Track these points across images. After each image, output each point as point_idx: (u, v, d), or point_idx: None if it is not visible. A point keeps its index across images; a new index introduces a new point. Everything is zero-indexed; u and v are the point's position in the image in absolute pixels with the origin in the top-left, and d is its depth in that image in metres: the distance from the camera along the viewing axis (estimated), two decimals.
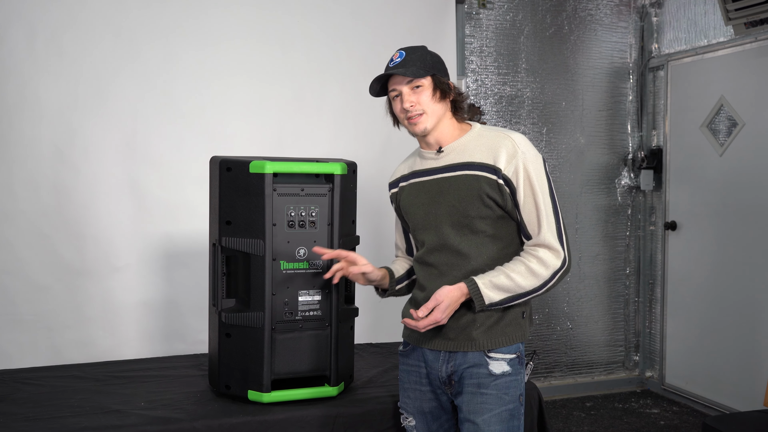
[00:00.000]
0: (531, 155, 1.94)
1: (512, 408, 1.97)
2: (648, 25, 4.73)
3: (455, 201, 1.97)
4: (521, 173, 1.92)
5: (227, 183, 2.23)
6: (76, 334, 3.30)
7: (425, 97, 1.99)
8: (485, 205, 1.94)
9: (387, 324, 3.71)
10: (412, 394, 2.10)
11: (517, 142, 1.95)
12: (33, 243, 3.24)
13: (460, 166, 1.98)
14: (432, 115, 2.00)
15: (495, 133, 2.00)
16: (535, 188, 1.92)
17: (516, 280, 1.90)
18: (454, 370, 2.00)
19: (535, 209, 1.93)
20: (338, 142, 3.71)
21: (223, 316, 2.24)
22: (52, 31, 3.25)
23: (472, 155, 1.98)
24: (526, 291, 1.91)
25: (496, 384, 1.96)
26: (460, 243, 1.97)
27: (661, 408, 4.41)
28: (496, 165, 1.93)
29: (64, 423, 2.06)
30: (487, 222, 1.96)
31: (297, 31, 3.66)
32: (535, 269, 1.90)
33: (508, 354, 1.98)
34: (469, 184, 1.95)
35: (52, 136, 3.26)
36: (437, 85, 2.00)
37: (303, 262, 2.24)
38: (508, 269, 1.92)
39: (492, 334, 1.97)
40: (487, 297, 1.89)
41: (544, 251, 1.92)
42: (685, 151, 4.49)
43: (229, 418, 2.12)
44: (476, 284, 1.89)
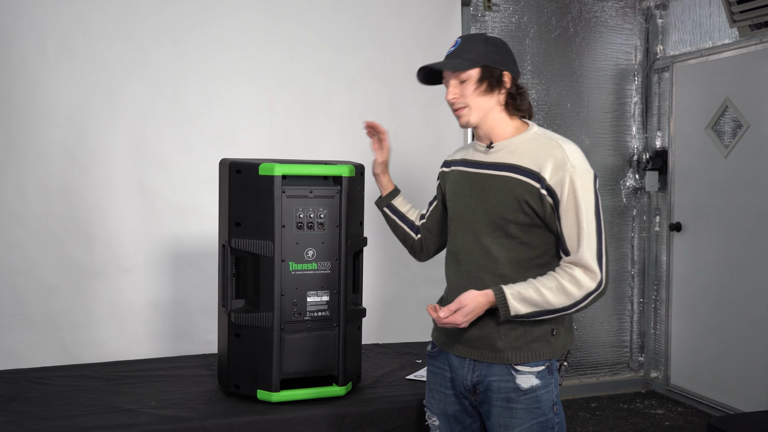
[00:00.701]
0: (581, 169, 1.84)
1: (544, 420, 1.89)
2: (653, 26, 4.74)
3: (495, 201, 1.91)
4: (566, 186, 1.82)
5: (237, 185, 2.25)
6: (86, 334, 3.33)
7: (468, 89, 1.92)
8: (523, 212, 1.87)
9: (394, 325, 3.75)
10: (437, 395, 2.07)
11: (569, 153, 1.85)
12: (43, 244, 3.27)
13: (507, 167, 1.91)
14: (476, 109, 1.93)
15: (548, 140, 1.90)
16: (579, 204, 1.82)
17: (545, 295, 1.82)
18: (479, 380, 1.94)
19: (576, 226, 1.83)
20: (345, 143, 3.73)
21: (233, 317, 2.27)
22: (62, 34, 3.28)
23: (520, 158, 1.89)
24: (555, 308, 1.83)
25: (525, 398, 1.89)
26: (492, 244, 1.92)
27: (666, 409, 4.43)
28: (541, 173, 1.84)
29: (76, 422, 2.09)
30: (522, 228, 1.88)
31: (304, 35, 3.69)
32: (567, 288, 1.82)
33: (535, 367, 1.90)
34: (511, 187, 1.88)
35: (62, 139, 3.30)
36: (484, 77, 1.92)
37: (311, 263, 2.26)
38: (539, 283, 1.84)
39: (518, 348, 1.90)
40: (513, 308, 1.82)
41: (579, 271, 1.82)
42: (690, 153, 4.50)
43: (238, 417, 2.14)
44: (504, 294, 1.83)
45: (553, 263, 1.92)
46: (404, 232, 2.32)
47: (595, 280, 1.83)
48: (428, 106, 3.91)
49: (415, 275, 3.83)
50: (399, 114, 3.86)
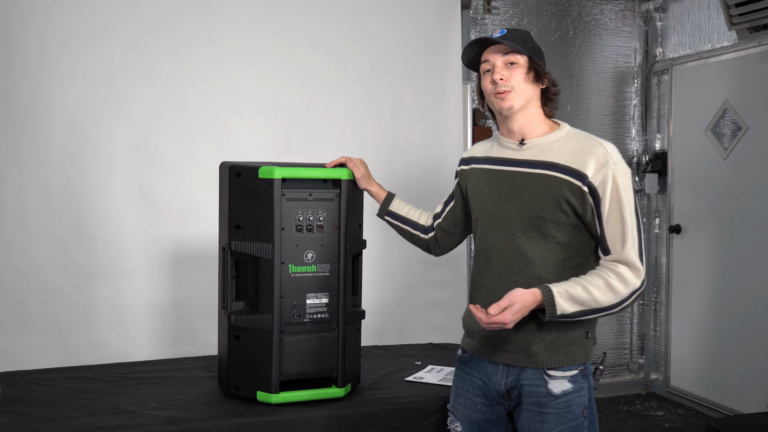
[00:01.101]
0: (622, 168, 1.84)
1: (575, 425, 1.88)
2: (652, 29, 4.76)
3: (530, 200, 1.88)
4: (609, 184, 1.81)
5: (237, 188, 2.27)
6: (87, 336, 3.34)
7: (518, 74, 1.91)
8: (562, 210, 1.85)
9: (394, 327, 3.76)
10: (464, 401, 2.05)
11: (610, 151, 1.85)
12: (45, 246, 3.29)
13: (542, 165, 1.88)
14: (521, 94, 1.91)
15: (585, 138, 1.90)
16: (622, 202, 1.82)
17: (593, 294, 1.79)
18: (513, 384, 1.93)
19: (620, 224, 1.82)
20: (345, 146, 3.74)
21: (233, 319, 2.28)
22: (63, 37, 3.30)
23: (557, 156, 1.87)
24: (602, 307, 1.80)
25: (556, 403, 1.88)
26: (526, 245, 1.88)
27: (666, 410, 4.43)
28: (584, 171, 1.83)
29: (77, 423, 2.10)
30: (559, 228, 1.86)
31: (305, 37, 3.70)
32: (614, 285, 1.80)
33: (569, 371, 1.89)
34: (549, 185, 1.86)
35: (63, 141, 3.31)
36: (532, 66, 1.92)
37: (311, 265, 2.28)
38: (585, 281, 1.80)
39: (553, 351, 1.89)
40: (560, 307, 1.78)
41: (624, 268, 1.81)
42: (690, 155, 4.52)
43: (238, 419, 2.16)
44: (551, 292, 1.78)
45: (588, 264, 1.90)
46: (411, 234, 2.33)
47: (640, 277, 1.82)
48: (428, 108, 3.92)
49: (415, 278, 3.84)
50: (399, 117, 3.88)
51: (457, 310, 4.12)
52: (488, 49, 1.96)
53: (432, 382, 2.53)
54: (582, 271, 1.88)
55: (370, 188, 2.33)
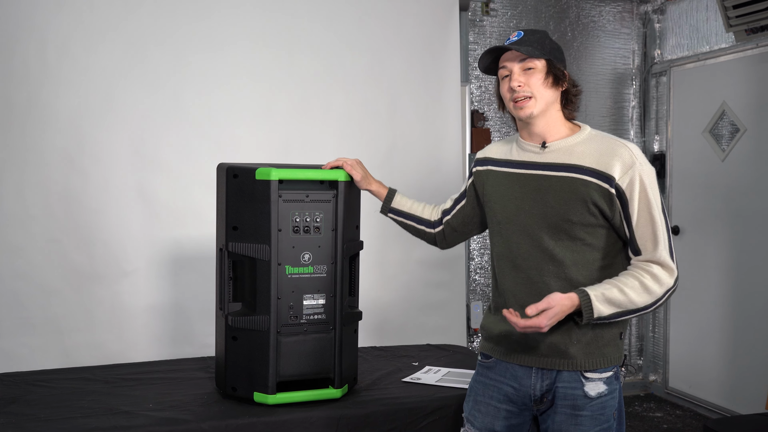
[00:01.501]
0: (647, 168, 1.83)
1: (606, 427, 1.88)
2: (651, 31, 4.77)
3: (556, 203, 1.86)
4: (637, 186, 1.80)
5: (234, 189, 2.28)
6: (86, 337, 3.35)
7: (536, 80, 1.88)
8: (590, 212, 1.83)
9: (392, 328, 3.77)
10: (485, 408, 2.00)
11: (634, 152, 1.84)
12: (43, 248, 3.30)
13: (566, 167, 1.86)
14: (540, 100, 1.88)
15: (609, 140, 1.88)
16: (651, 202, 1.81)
17: (630, 295, 1.78)
18: (548, 388, 1.91)
19: (650, 225, 1.81)
20: (344, 147, 3.75)
21: (230, 320, 2.29)
22: (62, 38, 3.31)
23: (581, 158, 1.85)
24: (638, 308, 1.80)
25: (591, 406, 1.87)
26: (555, 247, 1.87)
27: (665, 412, 4.44)
28: (610, 173, 1.81)
29: (75, 423, 2.11)
30: (587, 230, 1.85)
31: (303, 39, 3.71)
32: (649, 286, 1.79)
33: (604, 373, 1.89)
34: (575, 187, 1.84)
35: (62, 143, 3.32)
36: (551, 70, 1.88)
37: (308, 266, 2.28)
38: (621, 283, 1.79)
39: (590, 353, 1.88)
40: (597, 310, 1.77)
41: (658, 268, 1.81)
42: (688, 157, 4.52)
43: (235, 419, 2.16)
44: (588, 296, 1.77)
45: (617, 264, 1.89)
46: (415, 229, 2.32)
47: (673, 276, 1.83)
48: (427, 110, 3.94)
49: (413, 279, 3.85)
50: (397, 118, 3.89)
51: (456, 312, 4.13)
52: (505, 55, 1.93)
53: (429, 383, 2.54)
54: (612, 272, 1.87)
55: (370, 188, 2.33)
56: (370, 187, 2.33)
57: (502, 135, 4.45)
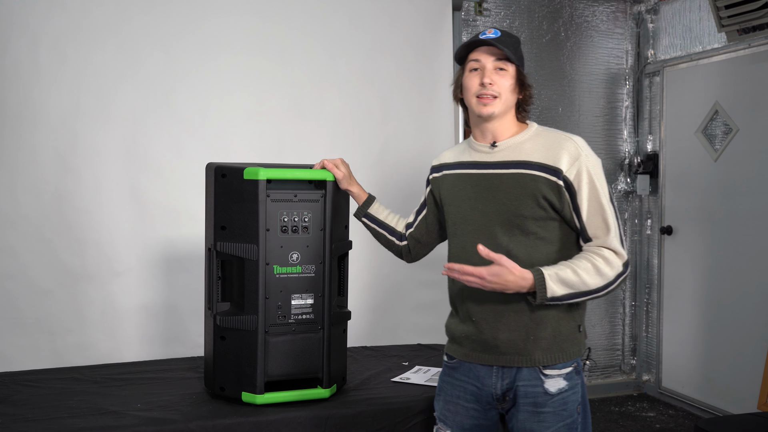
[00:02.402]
0: (593, 159, 1.90)
1: (570, 422, 1.90)
2: (644, 31, 4.77)
3: (507, 199, 1.90)
4: (584, 176, 1.86)
5: (222, 189, 2.28)
6: (77, 337, 3.34)
7: (505, 82, 1.93)
8: (540, 206, 1.88)
9: (383, 328, 3.76)
10: (454, 407, 2.04)
11: (579, 144, 1.90)
12: (35, 248, 3.29)
13: (516, 164, 1.91)
14: (504, 102, 1.94)
15: (555, 134, 1.94)
16: (599, 191, 1.87)
17: (582, 276, 1.81)
18: (509, 387, 1.93)
19: (600, 213, 1.86)
20: (336, 147, 3.75)
21: (218, 320, 2.29)
22: (54, 38, 3.31)
23: (529, 155, 1.90)
24: (591, 290, 1.83)
25: (553, 402, 1.89)
26: (509, 243, 1.90)
27: (658, 411, 4.44)
28: (557, 166, 1.86)
29: (62, 424, 2.11)
30: (539, 224, 1.89)
31: (296, 39, 3.71)
32: (601, 268, 1.83)
33: (564, 368, 1.91)
34: (524, 183, 1.89)
35: (54, 143, 3.32)
36: (519, 77, 1.96)
37: (296, 266, 2.28)
38: (574, 265, 1.83)
39: (548, 349, 1.90)
40: (551, 290, 1.80)
41: (609, 252, 1.85)
42: (681, 157, 4.53)
43: (222, 419, 2.16)
44: (542, 275, 1.79)
45: (571, 255, 1.91)
46: (386, 239, 2.35)
47: (622, 260, 1.87)
48: (420, 110, 3.93)
49: (404, 279, 3.85)
50: (390, 118, 3.88)
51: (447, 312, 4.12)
52: (480, 48, 1.96)
53: (418, 382, 2.54)
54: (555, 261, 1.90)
55: (351, 188, 2.34)
56: (351, 187, 2.33)
57: None
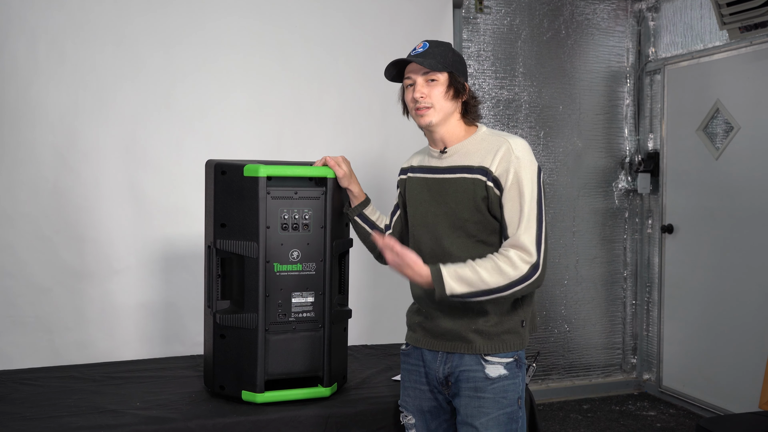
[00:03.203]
0: (525, 161, 1.93)
1: (510, 411, 1.98)
2: (645, 29, 4.76)
3: (453, 203, 1.99)
4: (511, 176, 1.92)
5: (222, 186, 2.26)
6: (76, 335, 3.33)
7: (437, 91, 2.00)
8: (478, 209, 1.96)
9: (384, 327, 3.75)
10: (413, 393, 2.13)
11: (514, 146, 1.95)
12: (34, 245, 3.28)
13: (461, 169, 2.00)
14: (440, 111, 2.00)
15: (496, 138, 2.00)
16: (523, 191, 1.91)
17: (481, 274, 1.87)
18: (450, 371, 2.02)
19: (518, 210, 1.91)
20: (337, 145, 3.74)
21: (218, 318, 2.27)
22: (53, 36, 3.29)
23: (472, 159, 1.99)
24: (491, 288, 1.88)
25: (493, 388, 1.97)
26: (451, 246, 1.99)
27: (658, 410, 4.43)
28: (488, 167, 1.95)
29: (60, 422, 2.10)
30: (479, 227, 1.97)
31: (296, 37, 3.70)
32: (502, 268, 1.87)
33: (505, 358, 1.99)
34: (466, 187, 1.97)
35: (53, 140, 3.31)
36: (452, 83, 2.01)
37: (296, 264, 2.27)
38: (475, 263, 1.90)
39: (489, 339, 1.98)
40: (449, 287, 1.87)
41: (515, 252, 1.89)
42: (682, 155, 4.51)
43: (222, 418, 2.15)
44: (440, 272, 1.88)
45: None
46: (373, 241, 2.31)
47: (531, 262, 1.88)
48: None
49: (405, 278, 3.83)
50: (390, 116, 3.84)
51: None
52: (410, 65, 2.04)
53: None
54: None
55: (351, 187, 2.32)
56: (351, 186, 2.32)
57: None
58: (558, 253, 4.62)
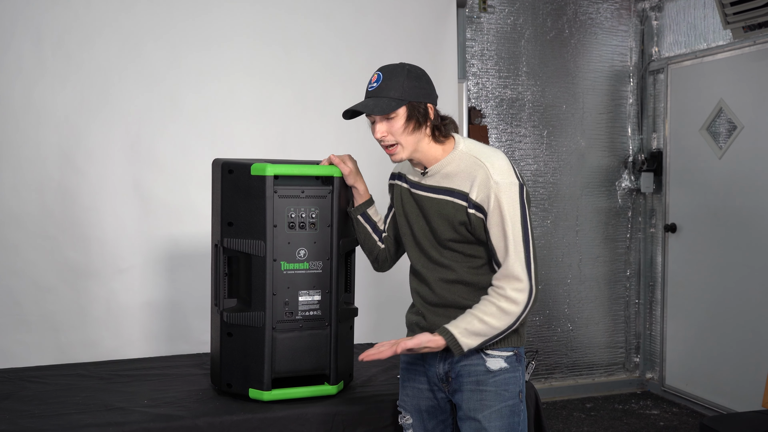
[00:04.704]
0: (504, 184, 1.91)
1: (512, 404, 2.00)
2: (648, 28, 4.76)
3: (435, 224, 2.00)
4: (492, 201, 1.91)
5: (229, 185, 2.27)
6: (81, 334, 3.34)
7: (397, 127, 1.94)
8: (458, 232, 1.97)
9: (389, 325, 3.75)
10: (410, 391, 2.15)
11: (492, 171, 1.92)
12: (39, 245, 3.29)
13: (442, 191, 1.99)
14: (406, 146, 1.97)
15: (473, 159, 1.96)
16: (504, 216, 1.90)
17: (490, 323, 1.90)
18: (450, 367, 2.03)
19: (503, 237, 1.91)
20: (341, 144, 3.73)
21: (225, 316, 2.28)
22: (57, 34, 3.30)
23: (452, 181, 1.98)
24: (501, 331, 1.92)
25: (495, 381, 1.98)
26: (440, 257, 2.02)
27: (661, 409, 4.44)
28: (468, 193, 1.94)
29: (68, 420, 2.10)
30: (461, 246, 1.99)
31: (300, 35, 3.70)
32: (506, 308, 1.90)
33: (505, 351, 2.01)
34: (446, 210, 1.97)
35: (57, 139, 3.31)
36: (411, 115, 1.94)
37: (303, 262, 2.28)
38: (480, 312, 1.91)
39: None
40: (465, 344, 1.90)
41: (510, 287, 1.90)
42: (685, 154, 4.52)
43: (230, 416, 2.16)
44: (452, 335, 1.89)
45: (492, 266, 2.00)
46: (373, 242, 2.31)
47: (526, 290, 1.91)
48: None
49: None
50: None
51: None
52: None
53: None
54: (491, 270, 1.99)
55: (357, 185, 2.30)
56: (356, 184, 2.30)
57: (500, 132, 4.45)
58: (561, 252, 4.63)
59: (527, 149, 4.52)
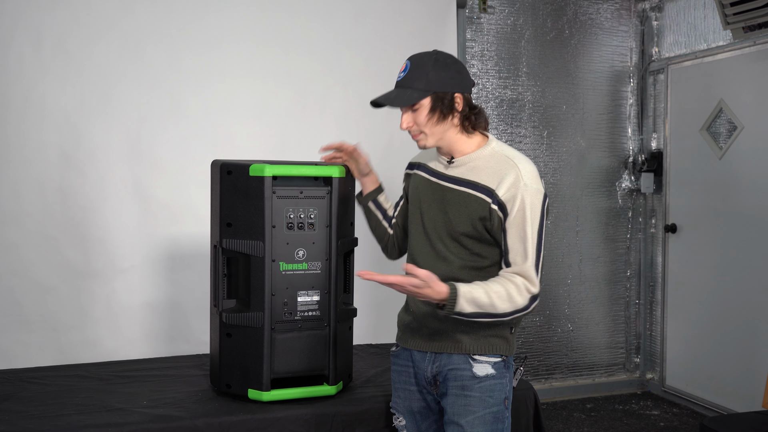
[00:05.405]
0: (532, 189, 1.92)
1: (496, 411, 1.99)
2: (648, 29, 4.76)
3: (453, 215, 1.98)
4: (518, 202, 1.90)
5: (228, 186, 2.27)
6: (81, 334, 3.35)
7: (422, 118, 1.95)
8: (475, 228, 1.95)
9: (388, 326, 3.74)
10: (402, 394, 2.15)
11: (524, 173, 1.92)
12: (39, 245, 3.29)
13: (466, 183, 1.97)
14: (431, 135, 1.97)
15: (505, 158, 1.96)
16: (527, 219, 1.90)
17: (494, 300, 1.87)
18: (438, 370, 2.04)
19: (522, 239, 1.91)
20: None
21: (224, 317, 2.29)
22: (58, 35, 3.31)
23: (479, 175, 1.96)
24: (498, 313, 1.89)
25: (480, 386, 1.98)
26: (446, 251, 2.00)
27: (662, 410, 4.44)
28: (495, 189, 1.92)
29: (68, 421, 2.11)
30: (474, 242, 1.98)
31: (300, 35, 3.71)
32: (514, 296, 1.89)
33: (492, 358, 2.01)
34: (469, 203, 1.96)
35: (57, 140, 3.32)
36: (436, 106, 1.94)
37: (302, 263, 2.28)
38: (488, 288, 1.88)
39: (477, 339, 2.00)
40: (460, 306, 1.85)
41: (523, 281, 1.90)
42: (685, 155, 4.52)
43: (229, 416, 2.16)
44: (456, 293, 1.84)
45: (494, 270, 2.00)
46: (384, 229, 2.32)
47: (533, 293, 1.92)
48: None
49: None
50: (394, 115, 3.83)
51: None
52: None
53: None
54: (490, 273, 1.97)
55: (371, 174, 2.30)
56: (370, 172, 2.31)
57: (500, 133, 4.45)
58: (561, 253, 4.63)
59: (527, 150, 4.51)
